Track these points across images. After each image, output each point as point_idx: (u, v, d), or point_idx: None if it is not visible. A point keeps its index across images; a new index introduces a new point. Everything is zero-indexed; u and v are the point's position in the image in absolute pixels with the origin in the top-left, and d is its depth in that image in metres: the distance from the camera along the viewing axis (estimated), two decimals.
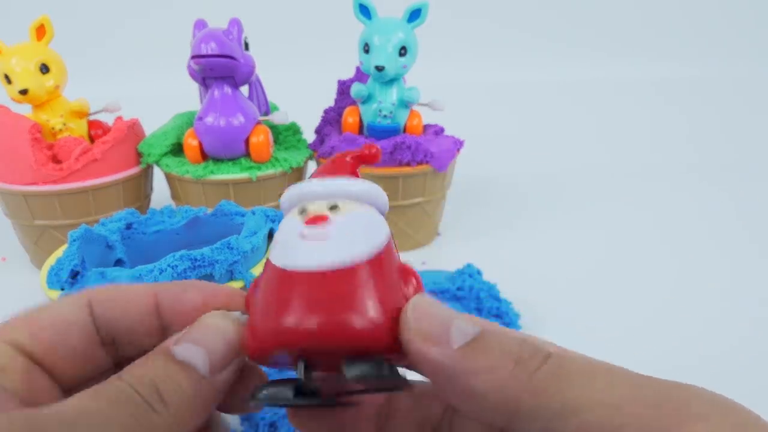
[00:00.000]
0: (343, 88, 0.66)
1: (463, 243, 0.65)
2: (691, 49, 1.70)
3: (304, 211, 0.17)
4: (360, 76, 0.65)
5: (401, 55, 0.56)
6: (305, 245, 0.16)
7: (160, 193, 0.67)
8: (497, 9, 1.64)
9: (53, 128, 0.57)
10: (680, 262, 0.59)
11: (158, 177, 0.65)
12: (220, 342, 0.17)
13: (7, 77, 0.54)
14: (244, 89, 0.61)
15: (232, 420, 0.35)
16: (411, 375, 0.17)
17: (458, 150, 0.62)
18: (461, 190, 0.78)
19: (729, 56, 1.71)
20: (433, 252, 0.63)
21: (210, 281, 0.23)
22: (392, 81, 0.59)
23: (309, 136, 0.66)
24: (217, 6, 1.12)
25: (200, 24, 0.57)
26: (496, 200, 0.78)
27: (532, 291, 0.52)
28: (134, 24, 1.53)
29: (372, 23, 0.57)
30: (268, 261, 0.17)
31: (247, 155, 0.58)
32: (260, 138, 0.57)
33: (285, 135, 0.65)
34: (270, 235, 0.40)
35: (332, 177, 0.18)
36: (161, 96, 1.07)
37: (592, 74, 1.62)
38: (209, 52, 0.51)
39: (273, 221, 0.41)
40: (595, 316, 0.49)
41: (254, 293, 0.17)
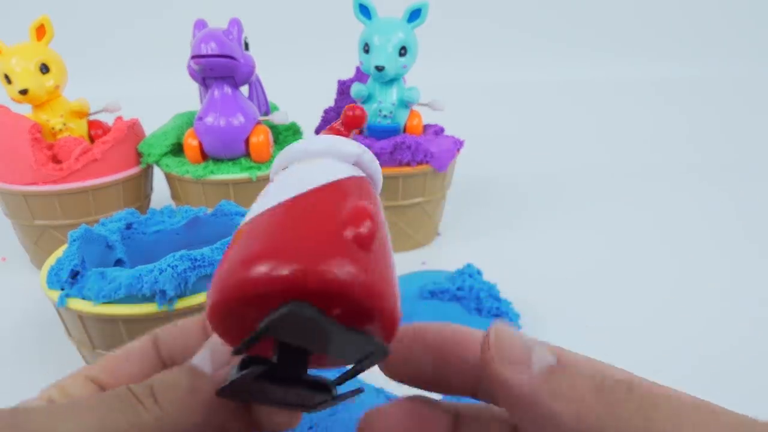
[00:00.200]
0: (343, 88, 0.66)
1: (463, 243, 0.65)
2: (691, 49, 1.71)
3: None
4: (360, 76, 0.65)
5: (401, 55, 0.56)
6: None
7: (160, 193, 0.67)
8: (497, 9, 1.65)
9: (53, 128, 0.57)
10: (680, 262, 0.59)
11: (158, 177, 0.65)
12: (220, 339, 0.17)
13: (7, 77, 0.54)
14: (244, 89, 0.61)
15: None
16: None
17: (458, 150, 0.62)
18: (461, 190, 0.78)
19: (729, 56, 1.71)
20: (433, 252, 0.63)
21: (209, 281, 0.23)
22: (392, 81, 0.59)
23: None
24: (217, 6, 1.12)
25: (200, 24, 0.57)
26: (496, 200, 0.78)
27: (532, 291, 0.52)
28: (134, 24, 1.53)
29: (372, 23, 0.57)
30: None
31: (247, 155, 0.59)
32: (260, 138, 0.57)
33: (285, 135, 0.65)
34: None
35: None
36: (161, 96, 1.07)
37: (592, 74, 1.63)
38: (209, 52, 0.51)
39: None
40: (596, 316, 0.49)
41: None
